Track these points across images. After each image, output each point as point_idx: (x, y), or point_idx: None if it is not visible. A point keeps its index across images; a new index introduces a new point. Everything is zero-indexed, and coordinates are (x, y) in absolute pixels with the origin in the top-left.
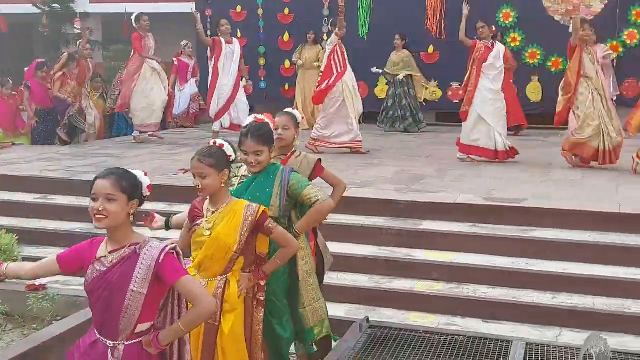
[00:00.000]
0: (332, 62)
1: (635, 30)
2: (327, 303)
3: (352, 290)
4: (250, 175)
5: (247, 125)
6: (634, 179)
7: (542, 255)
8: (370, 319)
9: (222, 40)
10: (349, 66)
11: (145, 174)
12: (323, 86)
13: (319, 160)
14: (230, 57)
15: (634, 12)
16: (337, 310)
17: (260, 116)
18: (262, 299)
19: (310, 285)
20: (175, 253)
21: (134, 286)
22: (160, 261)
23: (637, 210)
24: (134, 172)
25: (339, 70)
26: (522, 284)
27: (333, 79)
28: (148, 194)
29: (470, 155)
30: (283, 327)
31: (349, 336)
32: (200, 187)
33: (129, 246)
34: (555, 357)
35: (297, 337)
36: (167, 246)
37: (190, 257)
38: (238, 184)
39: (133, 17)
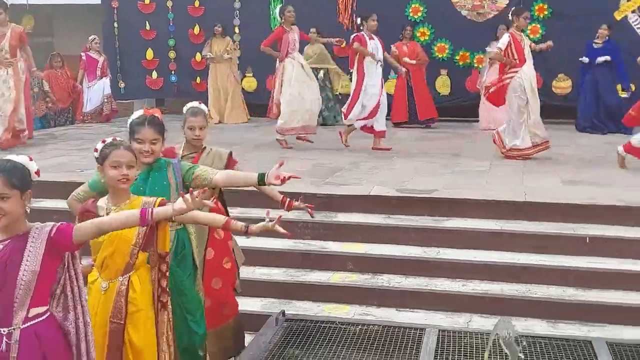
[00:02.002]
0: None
1: (538, 25)
2: (243, 298)
3: (267, 284)
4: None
5: (139, 115)
6: (538, 169)
7: (452, 244)
8: (287, 312)
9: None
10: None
11: (31, 159)
12: None
13: (230, 153)
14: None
15: (536, 7)
16: (252, 305)
17: (150, 109)
18: (165, 301)
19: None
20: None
21: (26, 264)
22: (52, 234)
23: (541, 199)
24: (18, 159)
25: None
26: (434, 273)
27: None
28: (37, 178)
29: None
30: (197, 323)
31: (265, 330)
32: (127, 178)
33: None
34: (466, 342)
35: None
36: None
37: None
38: None
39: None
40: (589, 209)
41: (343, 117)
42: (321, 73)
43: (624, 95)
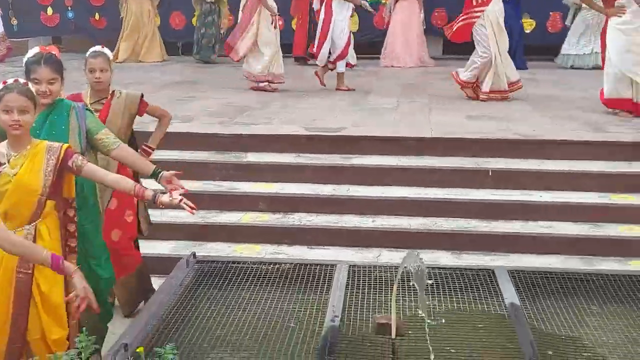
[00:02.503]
0: None
1: None
2: (152, 242)
3: (177, 226)
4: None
5: (35, 54)
6: (444, 106)
7: (362, 181)
8: (198, 254)
9: None
10: None
11: None
12: None
13: (142, 95)
14: None
15: None
16: (163, 248)
17: (46, 47)
18: (74, 245)
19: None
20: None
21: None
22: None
23: (446, 135)
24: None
25: None
26: (344, 210)
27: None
28: None
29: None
30: (102, 267)
31: (175, 273)
32: (19, 124)
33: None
34: (376, 276)
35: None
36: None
37: None
38: None
39: None
40: (491, 143)
41: (314, 57)
42: (208, 5)
43: (528, 30)
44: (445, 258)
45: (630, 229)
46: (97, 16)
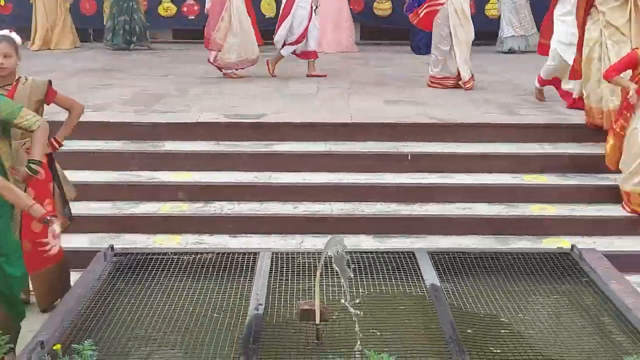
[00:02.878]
0: None
1: None
2: (68, 235)
3: (94, 219)
4: None
5: None
6: (363, 91)
7: (283, 168)
8: (116, 246)
9: None
10: None
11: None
12: None
13: (50, 82)
14: None
15: None
16: (80, 241)
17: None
18: None
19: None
20: None
21: None
22: None
23: (366, 120)
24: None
25: None
26: (266, 197)
27: None
28: None
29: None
30: (12, 265)
31: (93, 267)
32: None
33: None
34: (299, 262)
35: None
36: None
37: None
38: None
39: None
40: (409, 127)
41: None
42: None
43: None
44: (367, 242)
45: (542, 208)
46: (1, 2)
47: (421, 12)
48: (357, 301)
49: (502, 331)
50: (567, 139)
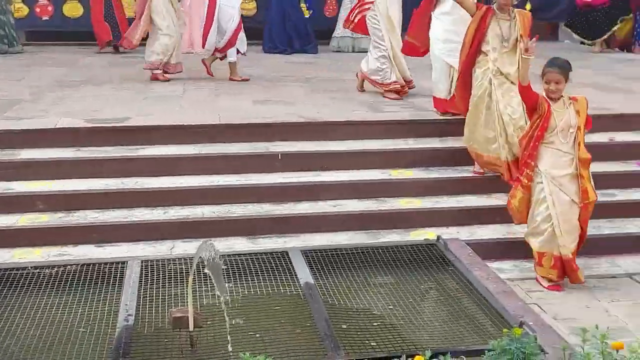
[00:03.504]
0: None
1: None
2: None
3: None
4: None
5: None
6: (230, 91)
7: (151, 173)
8: None
9: None
10: None
11: None
12: None
13: None
14: None
15: None
16: None
17: None
18: None
19: None
20: None
21: None
22: None
23: (235, 120)
24: None
25: None
26: (134, 203)
27: None
28: None
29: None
30: None
31: None
32: None
33: None
34: (170, 269)
35: None
36: None
37: None
38: None
39: None
40: (278, 127)
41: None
42: None
43: (307, 14)
44: (240, 244)
45: (409, 202)
46: None
47: (353, 17)
48: (232, 305)
49: (375, 323)
50: (429, 134)
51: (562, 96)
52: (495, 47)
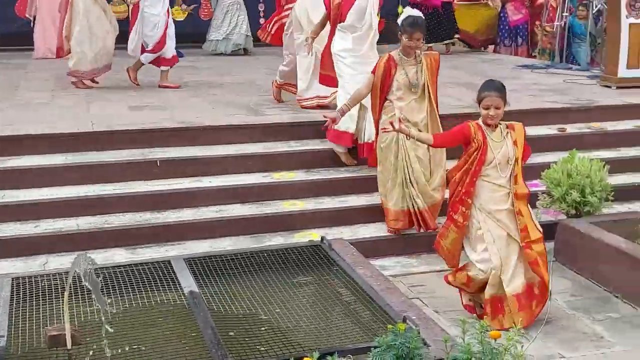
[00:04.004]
0: None
1: None
2: None
3: None
4: None
5: None
6: (103, 97)
7: (19, 185)
8: None
9: None
10: None
11: None
12: None
13: None
14: None
15: None
16: None
17: None
18: None
19: None
20: None
21: None
22: None
23: (110, 127)
24: None
25: None
26: (2, 218)
27: None
28: None
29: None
30: None
31: None
32: None
33: None
34: (44, 285)
35: None
36: None
37: None
38: None
39: None
40: (156, 132)
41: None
42: None
43: (182, 17)
44: (120, 255)
45: (293, 204)
46: None
47: (270, 27)
48: (113, 319)
49: (263, 328)
50: (310, 136)
51: (499, 123)
52: (401, 96)
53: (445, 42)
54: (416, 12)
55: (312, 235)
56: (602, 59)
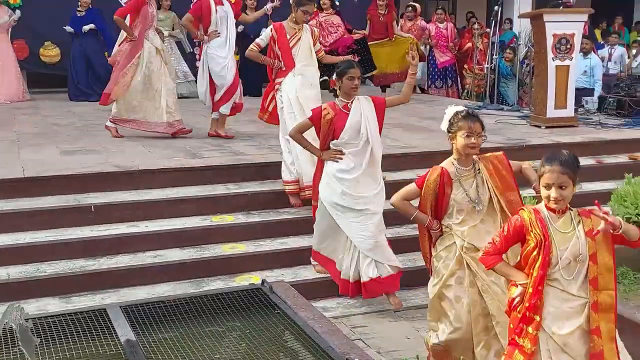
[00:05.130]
0: None
1: None
2: None
3: None
4: None
5: None
6: (33, 142)
7: None
8: None
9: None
10: None
11: None
12: None
13: None
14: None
15: None
16: None
17: None
18: None
19: None
20: None
21: None
22: None
23: (42, 173)
24: None
25: None
26: None
27: None
28: None
29: None
30: None
31: None
32: None
33: None
34: None
35: None
36: None
37: None
38: None
39: None
40: (90, 177)
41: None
42: None
43: None
44: (53, 305)
45: (232, 247)
46: None
47: (267, 104)
48: None
49: None
50: (248, 178)
51: (568, 209)
52: (464, 218)
53: (368, 75)
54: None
55: (253, 278)
56: (530, 99)
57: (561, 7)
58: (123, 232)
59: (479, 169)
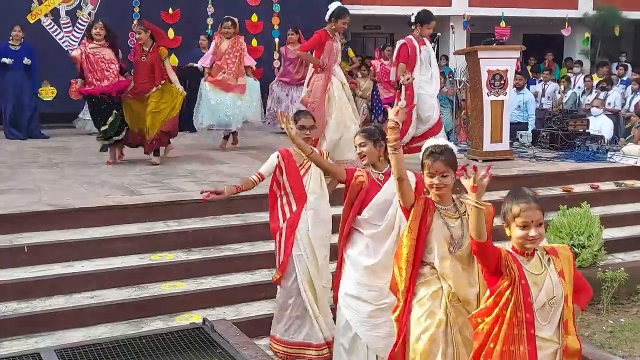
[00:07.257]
0: None
1: None
2: None
3: None
4: None
5: None
6: None
7: None
8: None
9: None
10: None
11: None
12: None
13: None
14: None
15: None
16: None
17: None
18: None
19: None
20: None
21: None
22: None
23: None
24: None
25: None
26: None
27: None
28: None
29: None
30: None
31: None
32: None
33: None
34: None
35: None
36: None
37: None
38: None
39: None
40: (23, 217)
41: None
42: None
43: (48, 98)
44: None
45: (172, 285)
46: None
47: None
48: None
49: None
50: (189, 215)
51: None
52: (443, 255)
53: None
54: None
55: (194, 317)
56: (468, 133)
57: (494, 44)
58: (58, 272)
59: (464, 211)
